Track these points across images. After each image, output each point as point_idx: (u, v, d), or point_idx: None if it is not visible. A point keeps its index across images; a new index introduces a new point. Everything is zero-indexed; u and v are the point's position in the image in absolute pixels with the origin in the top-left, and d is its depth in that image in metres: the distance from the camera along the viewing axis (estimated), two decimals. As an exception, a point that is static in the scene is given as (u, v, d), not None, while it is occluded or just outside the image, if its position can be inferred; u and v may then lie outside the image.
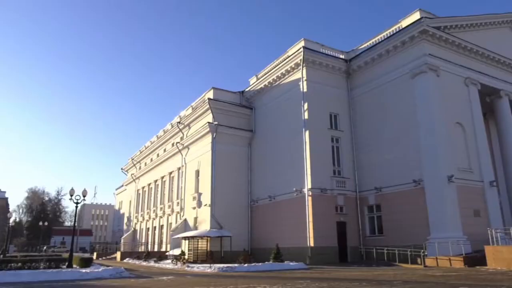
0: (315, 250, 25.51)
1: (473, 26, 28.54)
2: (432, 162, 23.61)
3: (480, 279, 14.02)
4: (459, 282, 12.98)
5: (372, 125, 28.19)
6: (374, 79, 28.64)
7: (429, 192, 23.48)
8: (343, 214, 27.53)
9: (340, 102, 30.02)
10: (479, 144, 26.01)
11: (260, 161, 33.42)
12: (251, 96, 36.07)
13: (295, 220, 27.31)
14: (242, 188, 33.70)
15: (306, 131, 27.90)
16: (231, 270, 21.23)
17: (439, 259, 21.43)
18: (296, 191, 27.63)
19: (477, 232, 22.25)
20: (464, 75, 26.97)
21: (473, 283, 12.83)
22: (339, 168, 28.60)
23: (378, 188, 26.74)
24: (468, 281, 13.33)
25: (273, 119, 32.63)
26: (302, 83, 29.02)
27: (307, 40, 29.98)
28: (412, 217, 24.01)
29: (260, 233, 31.60)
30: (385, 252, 24.56)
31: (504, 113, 29.12)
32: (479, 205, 24.44)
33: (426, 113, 24.52)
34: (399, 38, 26.52)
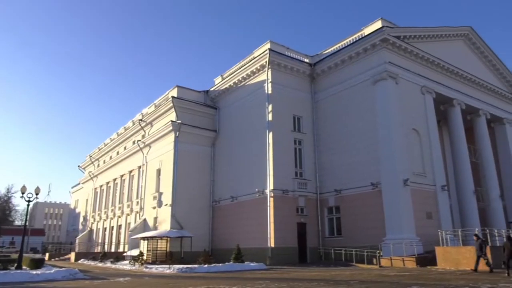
0: (276, 251, 25.75)
1: (430, 37, 29.92)
2: (390, 166, 24.52)
3: (430, 279, 14.70)
4: (411, 282, 13.55)
5: (334, 129, 28.86)
6: (337, 83, 29.35)
7: (386, 194, 24.35)
8: (304, 215, 27.98)
9: (304, 105, 30.51)
10: (433, 150, 27.29)
11: (223, 161, 33.32)
12: (215, 96, 35.89)
13: (257, 221, 27.45)
14: (204, 188, 33.42)
15: (270, 132, 28.13)
16: (191, 271, 21.00)
17: (394, 259, 22.28)
18: (258, 192, 27.78)
19: (429, 233, 23.36)
20: (421, 84, 28.23)
21: (424, 282, 13.42)
22: (301, 170, 29.06)
23: (338, 190, 27.41)
24: (420, 281, 13.94)
25: (237, 120, 32.64)
26: (267, 85, 29.24)
27: (273, 42, 30.25)
28: (370, 219, 24.82)
29: (221, 233, 31.49)
30: (343, 252, 25.22)
31: (456, 121, 30.72)
32: (431, 208, 25.63)
33: (385, 118, 25.43)
34: (362, 45, 27.36)
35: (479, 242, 17.57)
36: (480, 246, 17.39)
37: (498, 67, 36.51)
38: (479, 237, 18.11)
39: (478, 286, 11.82)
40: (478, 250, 17.45)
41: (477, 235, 18.49)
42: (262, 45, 30.92)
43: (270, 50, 29.01)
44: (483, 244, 17.55)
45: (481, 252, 17.28)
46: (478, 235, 18.44)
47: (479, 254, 17.30)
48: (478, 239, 17.86)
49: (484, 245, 17.58)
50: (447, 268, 19.43)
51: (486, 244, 17.86)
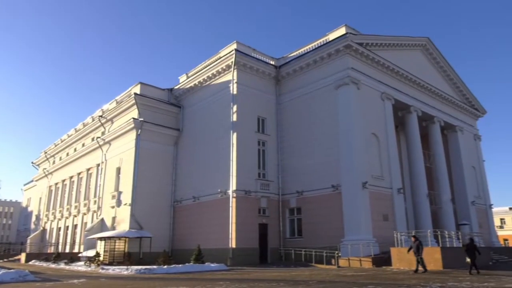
0: (237, 252, 25.74)
1: (390, 46, 31.07)
2: (350, 168, 25.20)
3: (385, 278, 15.25)
4: (367, 281, 13.99)
5: (298, 131, 29.28)
6: (301, 86, 29.82)
7: (345, 197, 25.00)
8: (266, 216, 28.17)
9: (269, 107, 30.75)
10: (391, 154, 28.33)
11: (186, 161, 32.91)
12: (180, 95, 35.40)
13: (218, 221, 27.33)
14: (165, 187, 32.84)
15: (234, 133, 28.10)
16: (149, 272, 20.57)
17: (351, 259, 22.90)
18: (221, 193, 27.68)
19: (385, 235, 24.23)
20: (381, 90, 29.25)
21: (379, 282, 13.90)
22: (264, 171, 29.24)
23: (300, 192, 27.83)
24: (375, 280, 14.42)
25: (201, 119, 32.36)
26: (232, 85, 29.21)
27: (239, 43, 30.27)
28: (329, 220, 25.39)
29: (182, 234, 31.06)
30: (303, 253, 25.62)
31: (412, 127, 32.07)
32: (387, 210, 26.58)
33: (346, 122, 26.11)
34: (326, 50, 27.97)
35: (416, 244, 18.12)
36: (417, 247, 17.96)
37: (452, 77, 38.49)
38: (417, 238, 18.66)
39: (429, 285, 12.38)
40: (415, 251, 18.03)
41: (415, 236, 19.12)
42: (229, 45, 30.87)
43: (236, 50, 29.01)
44: (420, 245, 18.08)
45: (418, 253, 17.85)
46: (416, 237, 19.03)
47: (416, 255, 17.90)
48: (416, 240, 18.41)
49: (421, 246, 18.13)
50: (401, 268, 20.23)
51: (422, 245, 18.36)
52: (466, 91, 40.04)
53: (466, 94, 40.21)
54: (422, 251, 18.06)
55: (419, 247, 18.00)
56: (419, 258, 17.90)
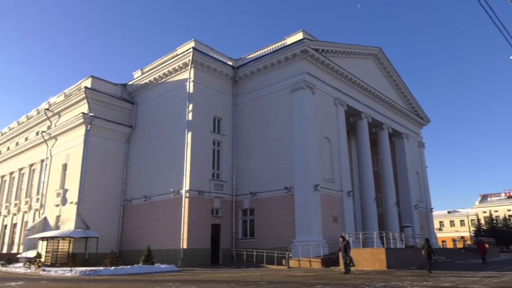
0: (188, 252, 25.40)
1: (345, 53, 32.16)
2: (303, 171, 25.73)
3: (332, 278, 15.72)
4: (316, 281, 14.35)
5: (253, 133, 29.46)
6: (258, 88, 30.04)
7: (297, 198, 25.49)
8: (219, 217, 28.05)
9: (225, 107, 30.67)
10: (342, 158, 29.30)
11: (138, 159, 31.98)
12: (134, 90, 34.36)
13: (170, 222, 26.81)
14: (115, 186, 31.70)
15: (189, 132, 27.73)
16: (95, 273, 19.74)
17: (301, 260, 23.39)
18: (173, 192, 27.18)
19: (334, 236, 24.94)
20: (335, 96, 30.18)
21: (327, 282, 14.30)
22: (219, 171, 29.11)
23: (253, 193, 28.00)
24: (323, 280, 14.82)
25: (155, 117, 31.60)
26: (189, 84, 28.82)
27: (197, 41, 29.95)
28: (282, 221, 25.76)
29: (132, 234, 30.10)
30: (255, 254, 25.79)
31: (363, 133, 33.38)
32: (337, 212, 27.45)
33: (301, 126, 26.66)
34: (283, 54, 28.41)
35: (344, 244, 18.28)
36: (345, 248, 18.17)
37: (401, 86, 40.54)
38: (345, 239, 18.82)
39: (373, 284, 12.92)
40: (342, 251, 18.24)
41: (343, 236, 19.33)
42: (186, 43, 30.45)
43: (194, 49, 28.67)
44: (348, 245, 18.32)
45: (345, 253, 18.05)
46: (344, 237, 19.21)
47: (344, 255, 18.12)
48: (344, 240, 18.58)
49: (349, 246, 18.38)
50: (348, 268, 20.90)
51: (350, 246, 18.64)
52: (412, 101, 42.36)
53: (413, 103, 42.53)
54: (349, 251, 18.24)
55: (346, 247, 18.14)
56: (347, 257, 18.05)
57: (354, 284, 13.13)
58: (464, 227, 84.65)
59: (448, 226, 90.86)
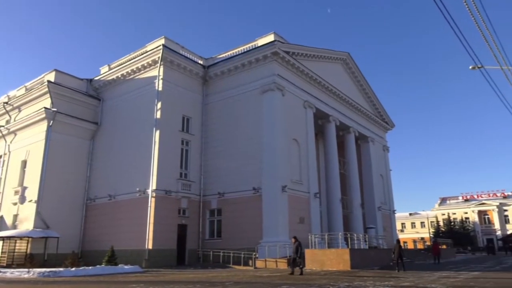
0: (153, 253, 24.94)
1: (315, 57, 32.66)
2: (271, 172, 25.90)
3: (298, 279, 15.91)
4: (282, 282, 14.47)
5: (222, 133, 29.35)
6: (228, 88, 29.98)
7: (265, 199, 25.63)
8: (186, 217, 27.74)
9: (194, 106, 30.38)
10: (310, 160, 29.73)
11: (103, 157, 31.08)
12: (100, 86, 33.39)
13: (135, 221, 26.23)
14: (78, 184, 30.67)
15: (157, 131, 27.26)
16: (54, 274, 18.99)
17: (268, 261, 23.52)
18: (140, 192, 26.60)
19: (300, 236, 24.92)
20: (304, 98, 30.58)
21: (292, 282, 14.45)
22: (186, 171, 28.79)
23: (222, 193, 27.88)
24: (289, 281, 14.97)
25: (122, 114, 30.83)
26: (158, 82, 28.35)
27: (167, 39, 29.50)
28: (249, 222, 25.81)
29: (95, 234, 29.19)
30: (221, 254, 25.69)
31: (330, 136, 34.01)
32: (304, 213, 27.81)
33: (270, 127, 26.83)
34: (254, 55, 28.50)
35: (296, 245, 17.95)
36: (296, 249, 17.83)
37: (367, 91, 41.65)
38: (297, 240, 18.40)
39: (337, 284, 13.18)
40: (294, 252, 17.91)
41: (296, 237, 18.83)
42: (156, 40, 29.93)
43: (164, 46, 28.23)
44: (299, 246, 17.95)
45: (297, 254, 17.67)
46: (297, 238, 18.73)
47: (295, 256, 17.74)
48: (296, 241, 18.21)
49: (300, 247, 18.00)
50: (314, 269, 21.26)
51: (302, 247, 18.28)
52: (378, 106, 43.62)
53: (379, 108, 43.80)
54: (300, 252, 17.96)
55: (298, 248, 17.87)
56: (298, 259, 17.75)
57: (319, 284, 13.34)
58: (424, 228, 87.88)
59: (410, 228, 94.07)
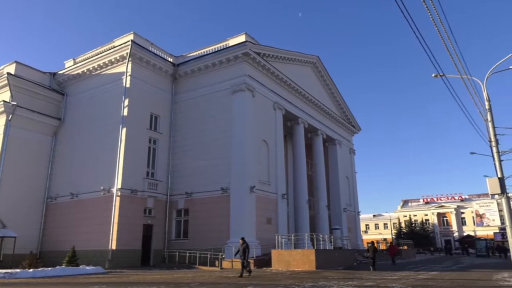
0: (117, 253, 24.30)
1: (285, 59, 32.96)
2: (239, 173, 25.89)
3: (264, 279, 15.99)
4: (248, 282, 14.47)
5: (191, 132, 29.06)
6: (198, 88, 29.72)
7: (233, 200, 25.58)
8: (151, 217, 27.22)
9: (163, 104, 29.90)
10: (278, 161, 29.95)
11: (66, 154, 29.98)
12: (64, 81, 32.21)
13: (99, 221, 25.45)
14: (38, 182, 29.43)
15: (123, 128, 26.60)
16: (11, 276, 18.09)
17: (235, 261, 23.44)
18: (104, 190, 25.88)
19: (267, 237, 25.44)
20: (274, 100, 30.79)
21: (258, 282, 14.50)
22: (153, 170, 28.28)
23: (189, 193, 27.59)
24: (255, 281, 15.01)
25: (87, 110, 29.85)
26: (126, 78, 27.68)
27: (137, 34, 28.88)
28: (216, 222, 25.67)
29: (55, 234, 28.08)
30: (188, 255, 25.41)
31: (299, 138, 34.42)
32: (271, 214, 27.98)
33: (239, 128, 26.82)
34: (225, 55, 28.41)
35: (243, 246, 17.55)
36: (244, 250, 17.45)
37: (336, 95, 42.48)
38: (245, 241, 17.97)
39: (302, 284, 13.35)
40: (241, 253, 17.50)
41: (243, 238, 18.39)
42: (125, 35, 29.24)
43: (132, 42, 27.61)
44: (247, 248, 17.57)
45: (244, 256, 17.30)
46: (244, 239, 18.30)
47: (242, 258, 17.35)
48: (244, 243, 17.79)
49: (248, 249, 17.63)
50: (280, 269, 21.44)
51: (249, 248, 17.89)
52: (346, 109, 44.58)
53: (346, 112, 44.77)
54: (248, 255, 17.59)
55: (245, 250, 17.46)
56: (245, 261, 17.33)
57: (285, 284, 13.45)
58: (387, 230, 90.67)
59: (373, 229, 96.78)
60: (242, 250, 17.56)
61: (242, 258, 17.41)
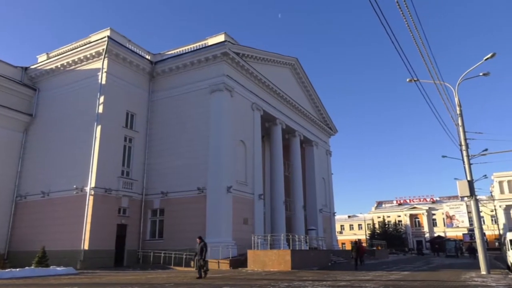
0: (89, 254, 23.73)
1: (264, 60, 33.07)
2: (216, 173, 25.77)
3: (239, 279, 15.96)
4: (223, 283, 14.42)
5: (168, 131, 28.73)
6: (176, 86, 29.42)
7: (210, 200, 25.45)
8: (126, 216, 26.75)
9: (140, 102, 29.44)
10: (255, 162, 29.99)
11: (37, 151, 29.06)
12: (36, 76, 31.23)
13: (71, 220, 24.78)
14: (7, 180, 28.40)
15: (98, 126, 26.03)
16: (-24, 278, 17.41)
17: (210, 262, 23.25)
18: (77, 189, 25.23)
19: (244, 237, 25.42)
20: (252, 100, 30.82)
21: (234, 283, 14.46)
22: (129, 169, 27.80)
23: (165, 193, 27.26)
24: (230, 282, 14.97)
25: (61, 106, 29.04)
26: (101, 75, 27.09)
27: (113, 31, 28.32)
28: (192, 223, 25.47)
29: (25, 234, 27.15)
30: (163, 255, 25.10)
31: (276, 138, 34.59)
32: (248, 214, 27.99)
33: (217, 127, 26.71)
34: (204, 54, 28.25)
35: (200, 246, 16.68)
36: (201, 250, 16.59)
37: (313, 97, 42.92)
38: (202, 240, 17.10)
39: (278, 285, 13.41)
40: (198, 253, 16.61)
41: (201, 237, 17.41)
42: (101, 30, 28.63)
43: (109, 38, 27.06)
44: (204, 247, 16.73)
45: (201, 256, 16.46)
46: (202, 238, 17.35)
47: (198, 258, 16.49)
48: (201, 241, 16.90)
49: (205, 248, 16.77)
50: (255, 270, 21.46)
51: (207, 248, 17.02)
52: (323, 111, 45.11)
53: (323, 114, 45.31)
54: (205, 254, 16.76)
55: (203, 249, 16.60)
56: (202, 261, 16.49)
57: (260, 285, 13.47)
58: (361, 230, 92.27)
59: (348, 230, 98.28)
60: (199, 249, 16.63)
61: (199, 257, 16.49)
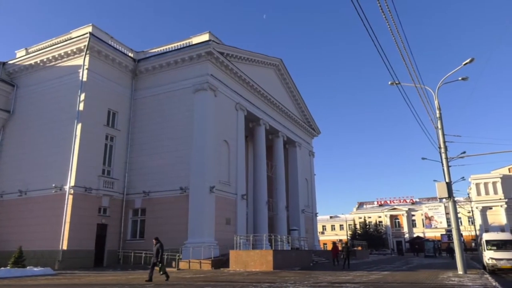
0: (68, 254, 23.25)
1: (248, 60, 33.07)
2: (199, 172, 25.63)
3: (221, 280, 15.90)
4: (204, 283, 14.35)
5: (151, 129, 28.42)
6: (159, 85, 29.13)
7: (192, 200, 25.28)
8: (106, 216, 26.33)
9: (122, 101, 29.04)
10: (239, 162, 29.95)
11: (15, 149, 28.31)
12: (15, 71, 30.43)
13: (49, 220, 24.24)
14: (-17, 178, 27.60)
15: (79, 124, 25.54)
16: None
17: (192, 262, 23.20)
18: (56, 188, 24.69)
19: (226, 238, 25.35)
20: (236, 100, 30.78)
21: (215, 283, 14.41)
22: (110, 168, 27.37)
23: (147, 192, 26.97)
24: (212, 282, 14.90)
25: (40, 103, 28.37)
26: (83, 72, 26.60)
27: (95, 27, 27.84)
28: (174, 223, 25.26)
29: (1, 233, 26.28)
30: (143, 256, 24.81)
31: (260, 139, 34.62)
32: (230, 214, 27.93)
33: (200, 127, 26.56)
34: (188, 53, 28.06)
35: (156, 247, 15.67)
36: (157, 251, 15.59)
37: (297, 98, 43.15)
38: (159, 241, 16.07)
39: (259, 285, 13.42)
40: (154, 254, 15.66)
41: (157, 238, 16.41)
42: (83, 26, 28.10)
43: (91, 34, 26.59)
44: (160, 248, 15.70)
45: (156, 258, 15.55)
46: (158, 239, 16.32)
47: (154, 261, 15.57)
48: (157, 243, 15.87)
49: (161, 249, 15.75)
50: (237, 270, 21.42)
51: (163, 249, 15.97)
52: (306, 113, 45.41)
53: (307, 115, 45.60)
54: (161, 255, 15.71)
55: (158, 250, 15.61)
56: (157, 262, 15.59)
57: (241, 285, 13.45)
58: (343, 231, 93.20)
59: (330, 230, 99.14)
60: (155, 251, 15.67)
61: (154, 259, 15.60)
